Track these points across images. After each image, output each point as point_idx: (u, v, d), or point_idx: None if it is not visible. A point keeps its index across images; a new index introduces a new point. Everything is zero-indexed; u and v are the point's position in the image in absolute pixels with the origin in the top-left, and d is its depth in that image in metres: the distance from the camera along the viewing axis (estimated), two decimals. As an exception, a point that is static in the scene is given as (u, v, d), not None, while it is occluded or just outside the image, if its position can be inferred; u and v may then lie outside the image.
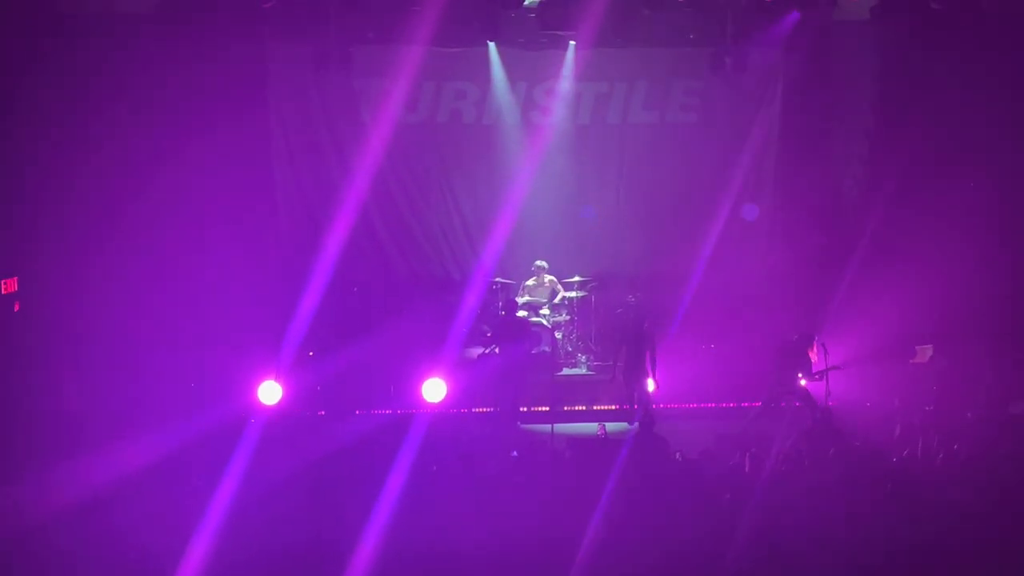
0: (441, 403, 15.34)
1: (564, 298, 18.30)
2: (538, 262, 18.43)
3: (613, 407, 15.98)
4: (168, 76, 16.41)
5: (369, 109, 18.27)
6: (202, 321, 16.05)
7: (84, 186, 15.92)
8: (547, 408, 16.21)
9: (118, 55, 16.16)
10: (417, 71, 17.63)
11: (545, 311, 18.09)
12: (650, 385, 15.34)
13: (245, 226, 17.30)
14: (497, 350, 16.12)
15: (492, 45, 18.40)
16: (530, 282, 18.43)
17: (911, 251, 17.00)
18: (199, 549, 9.65)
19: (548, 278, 18.42)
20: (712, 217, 18.11)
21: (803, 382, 15.16)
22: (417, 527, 10.25)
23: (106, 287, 15.63)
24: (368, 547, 9.86)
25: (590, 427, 15.53)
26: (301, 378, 15.78)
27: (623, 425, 15.55)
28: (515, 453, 12.97)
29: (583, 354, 18.14)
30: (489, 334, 16.58)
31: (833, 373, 14.92)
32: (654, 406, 15.51)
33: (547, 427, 15.37)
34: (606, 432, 14.98)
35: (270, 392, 15.09)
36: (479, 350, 16.58)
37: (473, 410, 16.35)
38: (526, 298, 18.17)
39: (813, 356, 15.19)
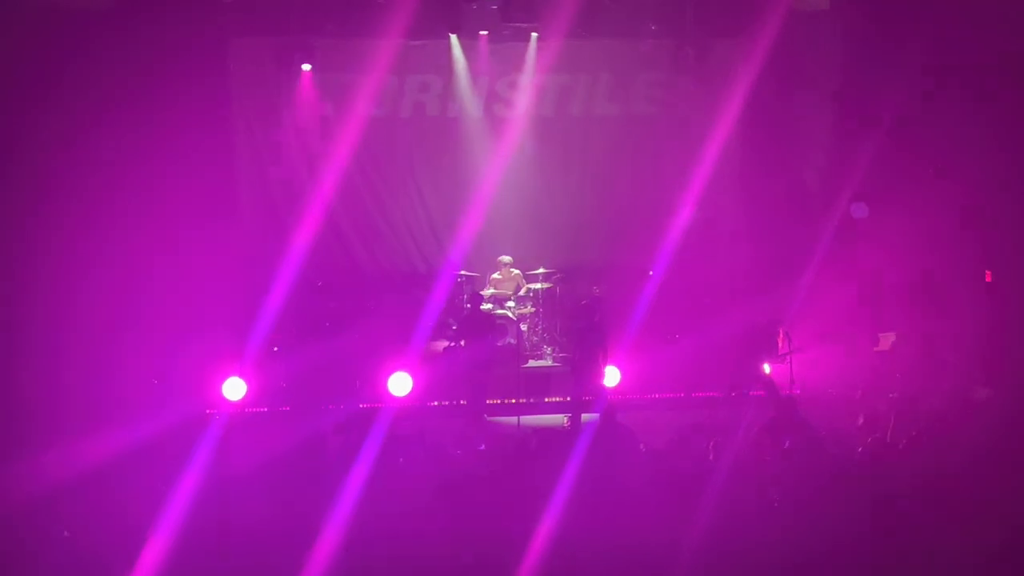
0: (407, 397, 15.15)
1: (529, 291, 18.29)
2: (503, 257, 18.42)
3: (567, 399, 15.85)
4: (128, 72, 16.17)
5: (332, 103, 18.18)
6: (164, 317, 15.84)
7: (42, 183, 15.66)
8: (513, 400, 16.18)
9: (75, 51, 15.92)
10: (380, 64, 17.52)
11: (510, 304, 18.08)
12: (613, 376, 15.24)
13: (208, 221, 16.99)
14: (463, 343, 16.05)
15: (454, 38, 18.34)
16: (496, 275, 18.43)
17: (874, 240, 17.07)
18: (157, 546, 9.54)
19: (513, 271, 18.41)
20: (676, 209, 18.02)
21: (767, 370, 15.15)
22: (382, 519, 10.21)
23: (66, 281, 15.40)
24: (332, 540, 9.78)
25: (557, 419, 15.46)
26: (266, 373, 15.62)
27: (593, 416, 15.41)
28: (482, 446, 12.99)
29: (548, 346, 18.14)
30: (455, 327, 16.49)
31: (797, 362, 15.00)
32: (621, 397, 15.46)
33: (513, 419, 15.43)
34: (574, 424, 14.92)
35: (234, 388, 14.89)
36: (445, 343, 16.49)
37: (439, 403, 16.30)
38: (491, 291, 18.16)
39: (777, 345, 15.17)
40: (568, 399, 15.74)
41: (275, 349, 16.36)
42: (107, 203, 15.67)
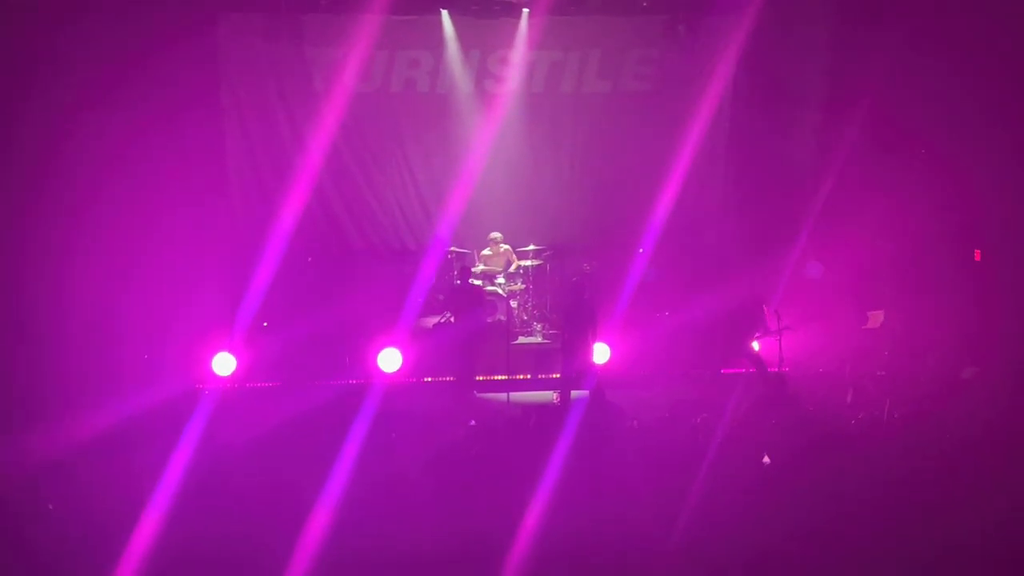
0: (397, 373, 15.26)
1: (519, 267, 18.29)
2: (493, 234, 18.40)
3: (557, 375, 15.85)
4: (116, 48, 16.05)
5: (322, 78, 18.05)
6: (155, 292, 15.82)
7: (30, 162, 15.57)
8: (503, 376, 16.20)
9: (61, 29, 15.78)
10: (370, 40, 17.38)
11: (500, 280, 18.07)
12: (603, 353, 15.26)
13: (197, 198, 17.00)
14: (452, 319, 16.04)
15: (445, 13, 18.22)
16: (486, 251, 18.41)
17: (862, 218, 17.06)
18: (150, 521, 9.55)
19: (503, 247, 18.40)
20: (666, 186, 17.96)
21: (756, 347, 15.20)
22: (373, 495, 10.25)
23: (56, 259, 15.34)
24: (323, 516, 9.81)
25: (546, 395, 15.50)
26: (256, 349, 15.64)
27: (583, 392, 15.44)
28: (473, 422, 13.02)
29: (538, 322, 18.14)
30: (443, 302, 16.45)
31: (786, 340, 14.95)
32: (611, 374, 15.46)
33: (503, 395, 15.44)
34: (564, 400, 14.95)
35: (224, 363, 14.98)
36: (435, 319, 16.50)
37: (429, 379, 16.26)
38: (481, 267, 18.15)
39: (766, 321, 15.21)
40: (558, 376, 15.70)
41: (265, 325, 16.33)
42: (96, 181, 15.60)
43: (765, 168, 18.49)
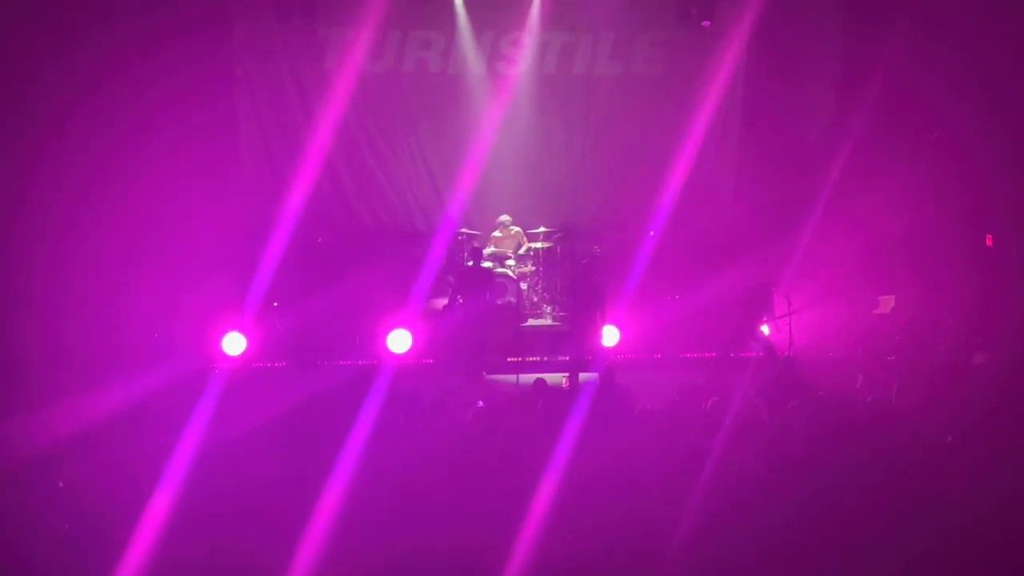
0: (406, 354, 15.26)
1: (530, 249, 18.23)
2: (502, 216, 18.38)
3: (566, 358, 15.83)
4: (130, 26, 16.03)
5: (333, 58, 18.00)
6: (165, 270, 15.81)
7: (42, 135, 15.50)
8: (512, 359, 16.22)
9: (76, 3, 15.76)
10: (382, 19, 17.32)
11: (511, 262, 18.03)
12: (612, 336, 15.23)
13: (209, 175, 17.07)
14: (462, 300, 16.03)
15: (458, -7, 18.20)
16: (496, 233, 18.38)
17: (874, 201, 16.97)
18: (161, 502, 9.53)
19: (514, 230, 18.36)
20: (677, 168, 17.88)
21: (765, 330, 15.13)
22: (385, 477, 10.17)
23: (64, 235, 15.30)
24: (335, 498, 9.77)
25: (555, 378, 15.42)
26: (266, 329, 15.66)
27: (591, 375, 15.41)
28: (480, 403, 12.88)
29: (548, 305, 18.09)
30: (453, 284, 16.46)
31: (796, 324, 14.94)
32: (620, 357, 15.52)
33: (512, 377, 15.44)
34: (573, 383, 14.96)
35: (234, 343, 14.97)
36: (444, 301, 16.48)
37: (439, 361, 16.29)
38: (492, 249, 18.12)
39: (775, 305, 15.15)
40: (567, 358, 15.68)
41: (275, 304, 16.34)
42: (108, 156, 15.55)
43: (777, 149, 18.41)
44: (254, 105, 18.29)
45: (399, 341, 15.16)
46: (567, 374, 15.26)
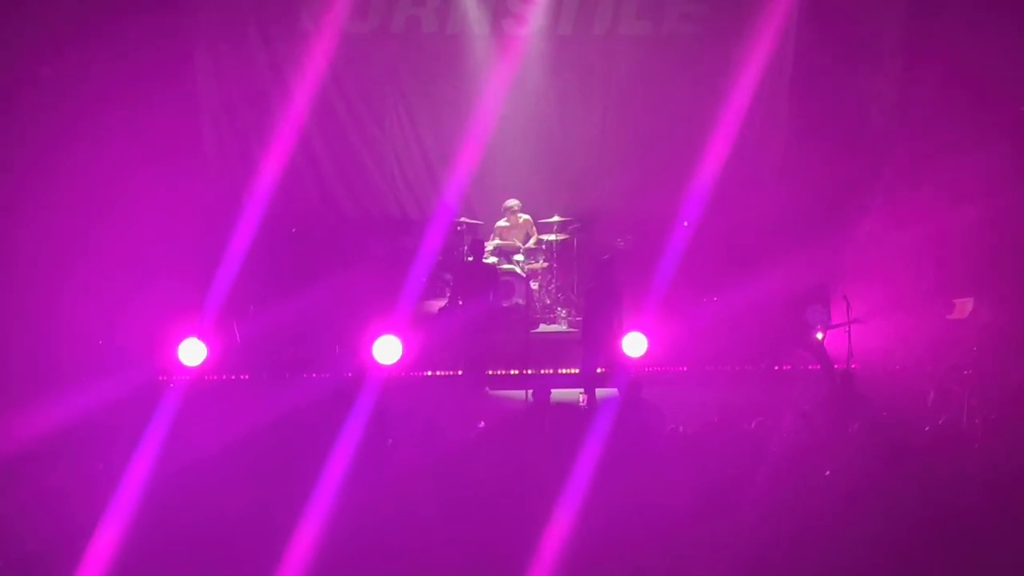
0: (395, 365, 15.16)
1: (541, 242, 18.21)
2: (509, 201, 18.30)
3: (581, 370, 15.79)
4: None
5: (310, 16, 17.90)
6: (113, 267, 15.83)
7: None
8: (521, 371, 16.15)
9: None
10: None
11: (519, 257, 17.99)
12: (638, 345, 15.15)
13: (163, 156, 17.00)
14: (461, 302, 16.01)
15: (457, -62, 18.19)
16: (502, 223, 18.32)
17: (947, 190, 16.95)
18: (104, 542, 9.48)
19: (523, 218, 18.31)
20: (716, 148, 17.76)
21: (819, 338, 15.11)
22: (369, 511, 10.19)
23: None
24: (311, 535, 9.78)
25: (572, 394, 15.42)
26: (231, 334, 15.72)
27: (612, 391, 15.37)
28: (482, 424, 12.97)
29: (563, 308, 18.03)
30: (452, 283, 16.41)
31: (856, 330, 14.93)
32: (647, 369, 15.47)
33: (521, 393, 15.34)
34: (591, 401, 14.92)
35: (193, 351, 14.82)
36: (440, 303, 16.45)
37: (434, 373, 16.29)
38: (496, 241, 18.09)
39: (831, 309, 15.11)
40: (585, 370, 15.63)
41: (241, 306, 16.31)
42: (47, 140, 15.57)
43: (831, 127, 18.33)
44: (216, 73, 18.20)
45: (387, 350, 15.01)
46: (584, 389, 15.17)
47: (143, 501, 10.07)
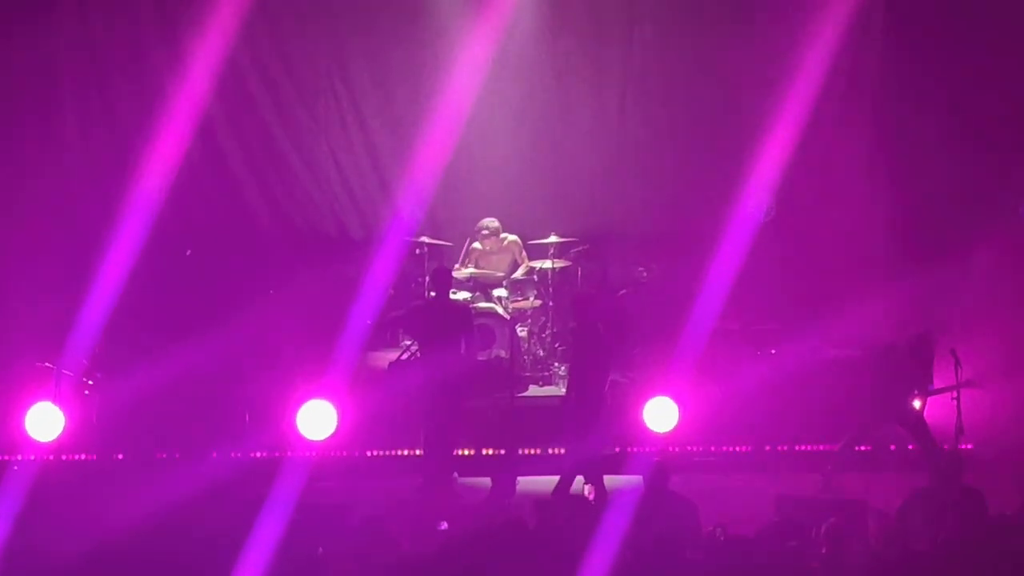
0: (328, 441, 15.26)
1: (533, 271, 18.22)
2: (486, 221, 18.23)
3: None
4: None
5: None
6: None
7: None
8: (502, 451, 16.05)
9: None
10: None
11: (501, 292, 18.07)
12: (667, 416, 14.99)
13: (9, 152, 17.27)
14: (420, 354, 15.92)
15: None
16: (477, 245, 18.31)
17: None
18: None
19: (508, 239, 18.37)
20: (771, 144, 17.72)
21: (917, 406, 15.08)
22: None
23: None
24: None
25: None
26: (97, 399, 15.67)
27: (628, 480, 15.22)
28: (444, 524, 13.01)
29: (561, 363, 17.87)
30: (404, 319, 16.50)
31: (967, 397, 14.88)
32: (675, 449, 15.51)
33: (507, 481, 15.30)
34: (599, 493, 14.79)
35: (45, 421, 14.87)
36: (392, 354, 16.49)
37: (380, 453, 16.22)
38: (470, 270, 18.12)
39: (936, 368, 15.02)
40: (588, 451, 15.39)
41: (114, 357, 16.27)
42: None
43: (936, 124, 18.41)
44: (87, 36, 18.30)
45: (316, 421, 15.07)
46: (587, 479, 15.06)
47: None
